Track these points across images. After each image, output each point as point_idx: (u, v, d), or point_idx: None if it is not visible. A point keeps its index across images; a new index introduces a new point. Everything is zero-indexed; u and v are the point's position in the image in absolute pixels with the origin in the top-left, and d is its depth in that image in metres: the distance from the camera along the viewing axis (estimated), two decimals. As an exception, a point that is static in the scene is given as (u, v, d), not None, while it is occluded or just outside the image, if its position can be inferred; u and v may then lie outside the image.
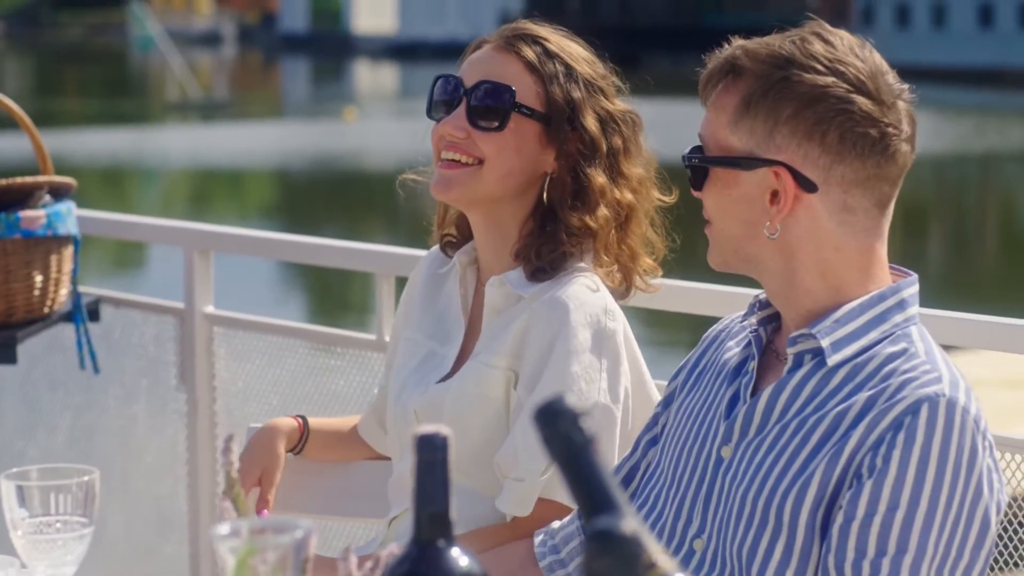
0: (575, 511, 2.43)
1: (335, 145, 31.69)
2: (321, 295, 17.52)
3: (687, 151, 2.19)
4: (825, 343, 2.11)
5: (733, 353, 2.27)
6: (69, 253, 3.50)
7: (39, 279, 3.45)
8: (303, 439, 2.84)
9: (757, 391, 2.19)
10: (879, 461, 2.02)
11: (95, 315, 3.66)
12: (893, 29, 60.19)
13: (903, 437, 2.01)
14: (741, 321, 2.31)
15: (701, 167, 2.17)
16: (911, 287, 2.17)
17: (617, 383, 2.55)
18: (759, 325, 2.23)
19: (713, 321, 2.43)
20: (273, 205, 26.75)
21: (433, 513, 1.49)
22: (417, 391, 2.66)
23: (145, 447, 3.96)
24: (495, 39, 2.66)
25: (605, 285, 2.61)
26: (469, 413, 2.58)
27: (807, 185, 2.11)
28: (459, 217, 2.75)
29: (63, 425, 4.06)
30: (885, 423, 2.03)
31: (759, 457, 2.13)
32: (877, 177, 2.11)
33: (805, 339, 2.13)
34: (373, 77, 65.88)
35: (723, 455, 2.19)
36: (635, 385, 2.60)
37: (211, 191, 28.27)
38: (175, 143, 33.12)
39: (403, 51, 75.12)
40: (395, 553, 1.57)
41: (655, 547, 1.30)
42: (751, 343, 2.23)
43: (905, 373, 2.07)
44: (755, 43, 2.15)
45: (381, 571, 1.65)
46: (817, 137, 2.10)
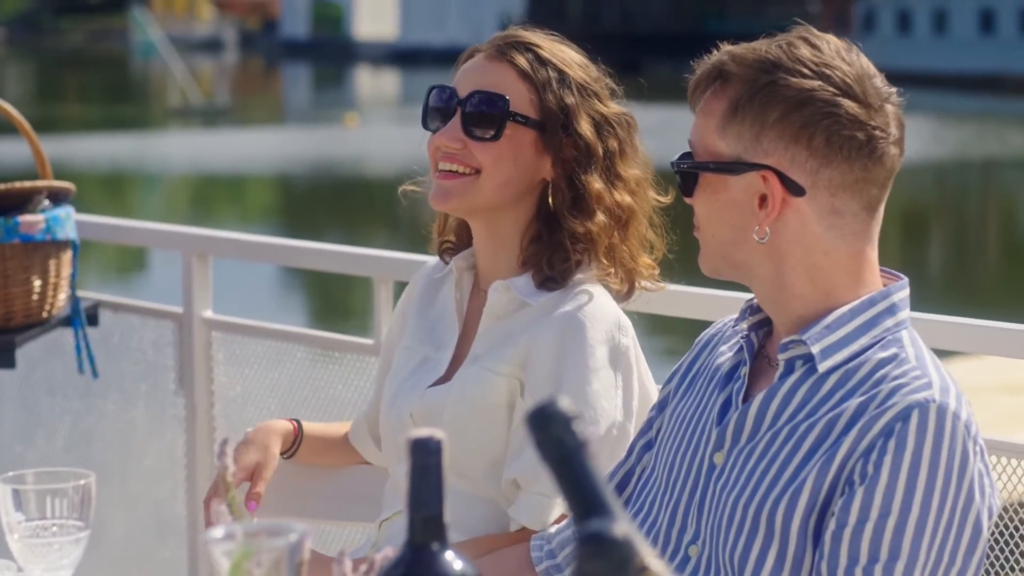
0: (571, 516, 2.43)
1: (336, 151, 31.68)
2: (322, 300, 17.52)
3: (676, 157, 2.19)
4: (815, 349, 2.11)
5: (726, 358, 2.27)
6: (68, 258, 3.51)
7: (38, 284, 3.46)
8: (297, 442, 2.85)
9: (749, 397, 2.19)
10: (870, 468, 2.02)
11: (94, 320, 3.67)
12: (894, 35, 60.19)
13: (894, 443, 2.02)
14: (734, 326, 2.32)
15: (691, 173, 2.17)
16: (901, 291, 2.16)
17: (631, 398, 2.56)
18: (750, 330, 2.23)
19: (708, 325, 2.43)
20: (274, 211, 26.74)
21: (427, 516, 1.49)
22: (413, 395, 2.67)
23: (144, 451, 3.97)
24: (487, 48, 2.66)
25: (610, 291, 2.62)
26: (469, 417, 2.58)
27: (795, 189, 2.11)
28: (459, 224, 2.76)
29: (62, 429, 4.06)
30: (876, 429, 2.03)
31: (751, 464, 2.13)
32: (865, 180, 2.11)
33: (796, 345, 2.13)
34: (374, 83, 65.87)
35: (715, 461, 2.19)
36: (642, 397, 2.61)
37: (212, 197, 28.26)
38: (176, 149, 33.11)
39: (404, 57, 75.10)
40: (389, 556, 1.57)
41: (647, 550, 1.31)
42: (743, 348, 2.23)
43: (896, 379, 2.07)
44: (742, 48, 2.15)
45: (375, 574, 1.65)
46: (804, 141, 2.10)
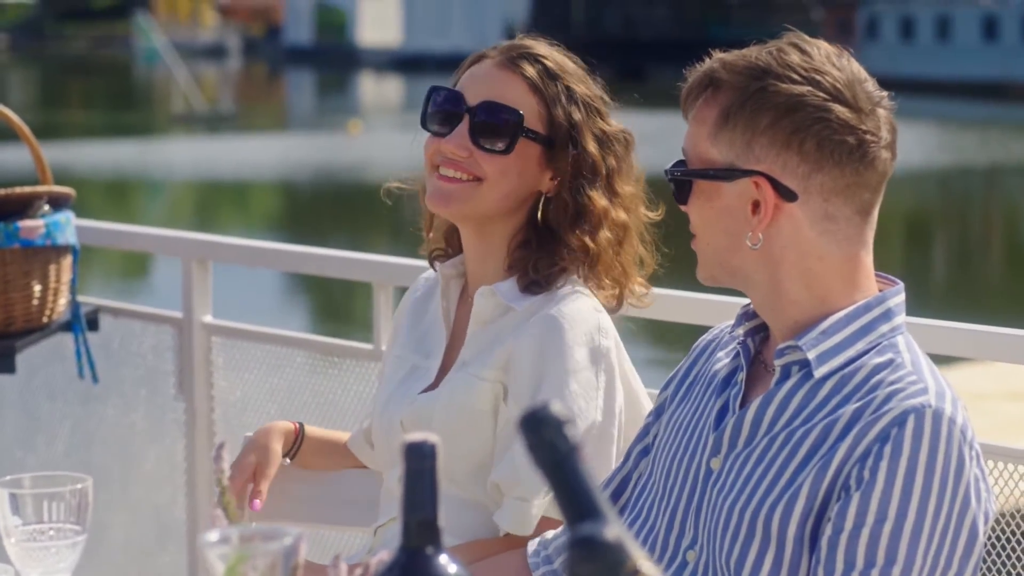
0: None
1: (340, 157, 31.68)
2: (325, 306, 17.53)
3: (670, 165, 2.20)
4: (811, 355, 2.11)
5: (723, 364, 2.27)
6: (68, 263, 3.51)
7: (38, 289, 3.46)
8: (298, 442, 2.85)
9: (746, 402, 2.19)
10: (866, 473, 2.02)
11: (94, 325, 3.67)
12: (897, 42, 60.18)
13: (890, 449, 2.02)
14: (730, 332, 2.32)
15: (685, 181, 2.18)
16: (897, 296, 2.17)
17: (613, 400, 2.56)
18: (747, 336, 2.24)
19: (705, 330, 2.43)
20: (278, 217, 26.75)
21: (421, 520, 1.49)
22: (403, 402, 2.67)
23: (144, 456, 3.97)
24: (496, 56, 2.65)
25: (598, 300, 2.62)
26: (458, 423, 2.58)
27: (787, 194, 2.11)
28: (448, 229, 2.76)
29: (62, 434, 4.06)
30: (872, 435, 2.03)
31: (747, 469, 2.14)
32: (857, 184, 2.12)
33: (792, 351, 2.14)
34: (378, 89, 65.87)
35: (712, 467, 2.19)
36: (627, 401, 2.61)
37: (216, 203, 28.27)
38: (180, 155, 33.12)
39: (408, 63, 75.10)
40: (384, 560, 1.58)
41: (639, 553, 1.31)
42: (739, 354, 2.23)
43: (891, 384, 2.07)
44: (733, 55, 2.16)
45: (370, 578, 1.65)
46: (795, 146, 2.10)
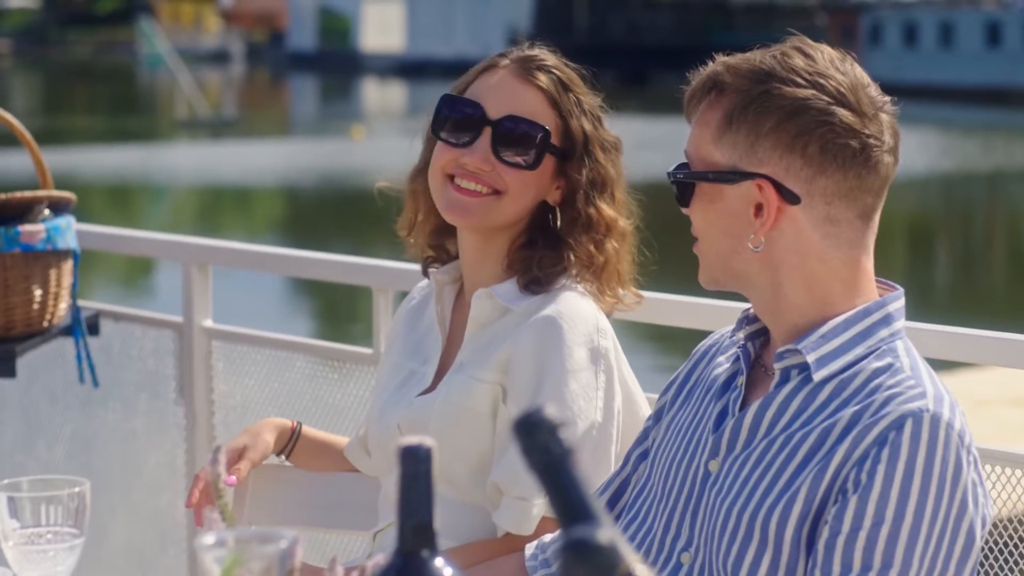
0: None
1: (343, 163, 31.68)
2: (327, 310, 17.52)
3: (672, 168, 2.20)
4: (811, 359, 2.12)
5: (723, 368, 2.28)
6: (68, 267, 3.51)
7: (38, 293, 3.46)
8: (293, 439, 2.85)
9: (745, 406, 2.20)
10: (864, 476, 2.02)
11: (94, 329, 3.67)
12: (901, 48, 60.15)
13: (888, 452, 2.02)
14: (730, 336, 2.32)
15: (687, 183, 2.18)
16: (897, 301, 2.17)
17: (612, 401, 2.56)
18: (747, 340, 2.24)
19: (706, 334, 2.43)
20: (281, 223, 26.75)
21: (417, 524, 1.49)
22: (400, 406, 2.68)
23: (144, 460, 3.97)
24: (510, 66, 2.64)
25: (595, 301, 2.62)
26: (456, 425, 2.59)
27: (790, 197, 2.12)
28: (434, 233, 2.75)
29: (63, 438, 4.07)
30: (870, 438, 2.04)
31: (745, 472, 2.14)
32: (860, 188, 2.12)
33: (791, 354, 2.14)
34: (381, 95, 65.88)
35: (711, 469, 2.19)
36: (625, 402, 2.61)
37: (219, 209, 28.27)
38: (183, 161, 33.12)
39: (411, 69, 75.09)
40: (380, 563, 1.58)
41: (632, 556, 1.31)
42: (739, 358, 2.24)
43: (890, 388, 2.07)
44: (737, 59, 2.17)
45: (366, 581, 1.65)
46: (798, 149, 2.11)
